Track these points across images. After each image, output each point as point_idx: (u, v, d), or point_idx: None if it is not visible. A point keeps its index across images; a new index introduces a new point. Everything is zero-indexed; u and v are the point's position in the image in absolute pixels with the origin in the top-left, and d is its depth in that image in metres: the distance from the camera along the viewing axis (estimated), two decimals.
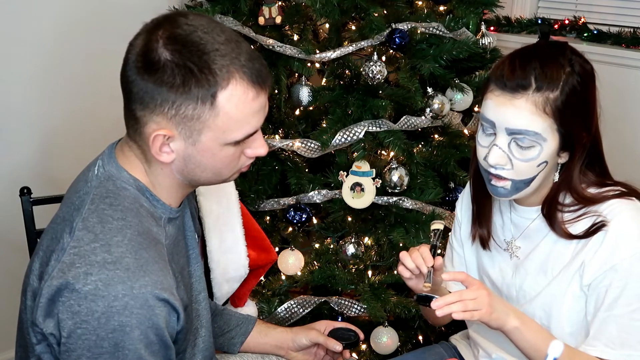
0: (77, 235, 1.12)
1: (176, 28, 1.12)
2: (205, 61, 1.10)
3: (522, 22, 2.94)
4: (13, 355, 1.33)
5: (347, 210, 2.09)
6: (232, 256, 1.77)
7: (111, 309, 1.07)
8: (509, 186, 1.33)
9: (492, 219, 1.50)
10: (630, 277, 1.29)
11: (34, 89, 2.32)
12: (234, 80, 1.12)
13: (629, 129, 2.47)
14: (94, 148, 1.29)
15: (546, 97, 1.27)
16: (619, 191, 1.35)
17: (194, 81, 1.10)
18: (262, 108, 1.18)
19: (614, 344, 1.30)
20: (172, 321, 1.15)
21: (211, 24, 1.14)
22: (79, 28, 2.36)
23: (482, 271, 1.54)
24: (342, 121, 2.05)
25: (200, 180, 1.22)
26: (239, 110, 1.13)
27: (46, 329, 1.11)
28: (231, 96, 1.12)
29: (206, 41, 1.11)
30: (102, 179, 1.19)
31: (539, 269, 1.41)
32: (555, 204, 1.36)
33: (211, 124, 1.13)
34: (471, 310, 1.26)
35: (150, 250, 1.14)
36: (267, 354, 1.60)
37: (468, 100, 2.20)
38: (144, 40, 1.13)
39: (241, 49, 1.14)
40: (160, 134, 1.13)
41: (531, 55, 1.31)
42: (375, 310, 2.00)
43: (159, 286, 1.11)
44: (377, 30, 2.00)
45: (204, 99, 1.11)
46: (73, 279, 1.08)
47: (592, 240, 1.32)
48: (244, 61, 1.13)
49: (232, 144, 1.16)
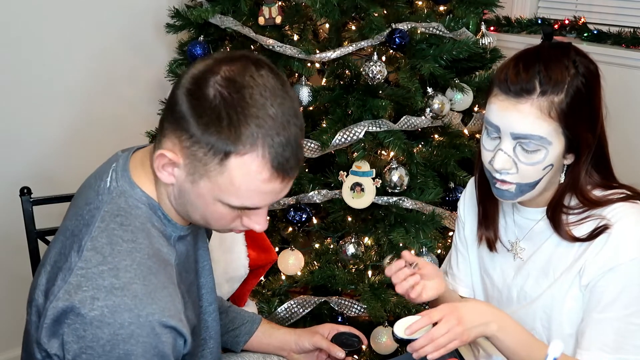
0: (85, 255, 1.10)
1: (240, 75, 1.07)
2: (239, 120, 1.05)
3: (522, 22, 2.94)
4: (13, 355, 1.33)
5: (347, 210, 2.09)
6: (232, 256, 1.77)
7: (117, 336, 1.06)
8: (513, 189, 1.33)
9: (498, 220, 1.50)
10: (628, 281, 1.28)
11: (33, 89, 2.32)
12: (255, 154, 1.06)
13: (629, 129, 2.47)
14: (94, 148, 1.29)
15: (551, 101, 1.25)
16: (624, 194, 1.34)
17: (217, 130, 1.05)
18: (274, 192, 1.11)
19: (609, 348, 1.28)
20: (179, 345, 1.14)
21: (275, 92, 1.08)
22: (79, 28, 2.36)
23: (484, 272, 1.53)
24: (342, 121, 2.05)
25: (190, 216, 1.18)
26: (245, 182, 1.08)
27: (50, 349, 1.10)
28: (243, 165, 1.07)
29: (254, 104, 1.06)
30: (115, 195, 1.15)
31: (541, 270, 1.40)
32: (561, 206, 1.36)
33: (212, 177, 1.09)
34: (445, 345, 1.27)
35: (159, 274, 1.12)
36: (268, 353, 1.60)
37: (468, 100, 2.20)
38: (207, 66, 1.09)
39: (286, 130, 1.08)
40: (167, 155, 1.09)
41: (535, 58, 1.29)
42: (375, 310, 2.00)
43: (167, 313, 1.09)
44: (377, 30, 2.00)
45: (216, 151, 1.06)
46: (79, 303, 1.06)
47: (594, 243, 1.32)
48: (277, 143, 1.07)
49: (227, 205, 1.12)
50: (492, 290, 1.52)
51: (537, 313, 1.39)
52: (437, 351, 1.27)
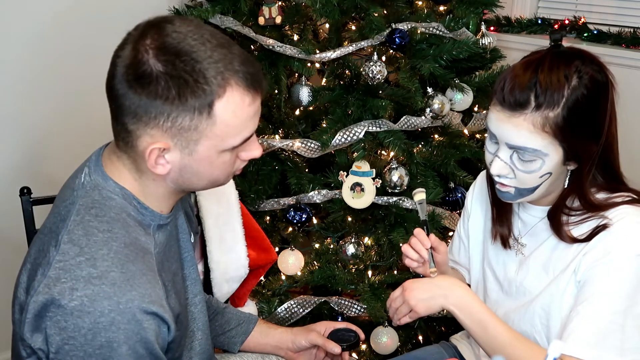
0: (62, 248, 1.10)
1: (165, 37, 1.08)
2: (200, 70, 1.07)
3: (522, 22, 2.94)
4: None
5: (347, 210, 2.09)
6: (232, 256, 1.77)
7: (97, 325, 1.06)
8: (513, 192, 1.34)
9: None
10: (619, 276, 1.27)
11: (33, 89, 2.31)
12: (230, 87, 1.09)
13: (629, 129, 2.47)
14: (94, 148, 1.29)
15: (545, 116, 1.24)
16: (630, 198, 1.34)
17: (189, 92, 1.07)
18: (258, 111, 1.16)
19: (587, 343, 1.26)
20: (163, 332, 1.14)
21: (200, 30, 1.10)
22: (78, 28, 2.36)
23: (487, 264, 1.54)
24: (342, 121, 2.05)
25: (195, 187, 1.21)
26: (237, 116, 1.11)
27: (34, 344, 1.10)
28: (228, 104, 1.10)
29: (197, 49, 1.07)
30: (88, 188, 1.16)
31: (541, 267, 1.41)
32: (562, 208, 1.36)
33: (208, 133, 1.11)
34: (398, 308, 1.42)
35: (137, 262, 1.12)
36: (266, 353, 1.60)
37: (468, 100, 2.20)
38: (131, 51, 1.09)
39: (234, 53, 1.11)
40: (156, 148, 1.10)
41: (534, 68, 1.27)
42: (375, 310, 2.00)
43: (147, 299, 1.10)
44: (377, 30, 2.00)
45: (200, 109, 1.08)
46: (59, 295, 1.07)
47: (592, 241, 1.32)
48: (238, 66, 1.10)
49: (229, 149, 1.15)
50: (492, 282, 1.52)
51: (536, 310, 1.39)
52: (396, 315, 1.43)
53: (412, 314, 1.40)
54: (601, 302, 1.28)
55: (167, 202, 1.23)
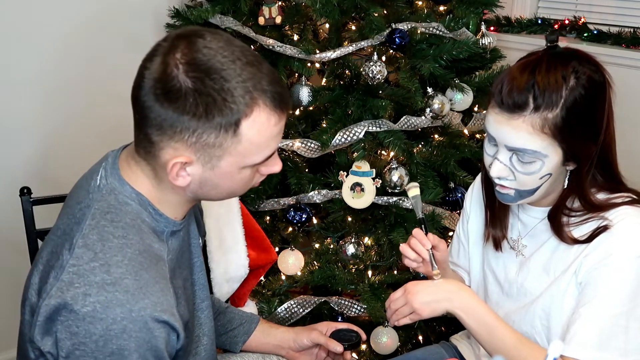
0: (76, 252, 1.10)
1: (195, 52, 1.08)
2: (228, 89, 1.07)
3: (522, 22, 2.94)
4: (13, 355, 1.33)
5: (347, 210, 2.09)
6: (232, 256, 1.77)
7: (109, 332, 1.06)
8: (513, 193, 1.34)
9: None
10: (620, 278, 1.27)
11: (34, 89, 2.32)
12: (257, 107, 1.10)
13: (629, 129, 2.47)
14: (94, 148, 1.29)
15: (544, 117, 1.24)
16: (630, 198, 1.34)
17: (216, 110, 1.07)
18: (282, 130, 1.16)
19: (589, 345, 1.27)
20: (172, 340, 1.14)
21: (230, 46, 1.10)
22: (79, 28, 2.36)
23: (487, 266, 1.54)
24: (342, 121, 2.05)
25: (212, 198, 1.21)
26: (261, 135, 1.12)
27: (44, 347, 1.10)
28: (254, 123, 1.10)
29: (227, 67, 1.08)
30: (104, 192, 1.16)
31: (542, 268, 1.41)
32: (562, 209, 1.36)
33: (232, 151, 1.11)
34: (398, 309, 1.40)
35: (150, 270, 1.12)
36: (268, 353, 1.61)
37: (468, 100, 2.20)
38: (160, 64, 1.08)
39: (263, 72, 1.11)
40: (178, 162, 1.11)
41: (531, 70, 1.26)
42: (375, 310, 2.00)
43: (159, 308, 1.10)
44: (377, 30, 2.00)
45: (227, 127, 1.08)
46: (71, 300, 1.06)
47: (593, 242, 1.32)
48: (267, 86, 1.10)
49: (251, 166, 1.15)
50: (492, 284, 1.52)
51: (537, 312, 1.40)
52: (395, 316, 1.41)
53: (414, 316, 1.39)
54: (603, 304, 1.28)
55: (182, 209, 1.23)
